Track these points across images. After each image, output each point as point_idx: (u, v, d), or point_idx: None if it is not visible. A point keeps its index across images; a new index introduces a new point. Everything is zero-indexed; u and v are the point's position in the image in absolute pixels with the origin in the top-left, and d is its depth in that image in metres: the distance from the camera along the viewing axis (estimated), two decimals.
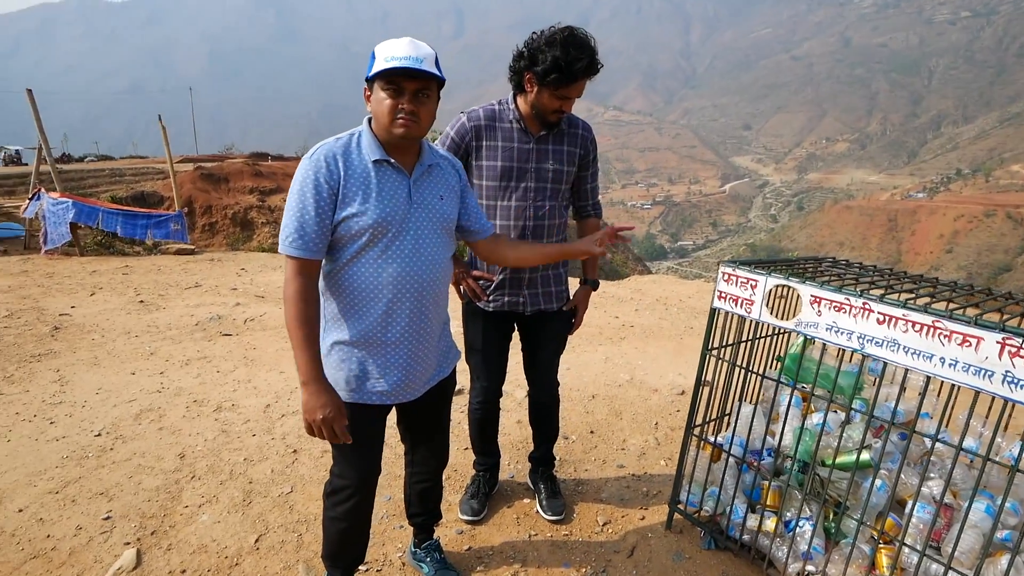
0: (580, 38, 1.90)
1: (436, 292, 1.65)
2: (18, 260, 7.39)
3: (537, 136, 2.07)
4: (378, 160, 1.53)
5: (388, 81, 1.46)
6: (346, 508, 1.71)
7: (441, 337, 1.77)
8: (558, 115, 2.00)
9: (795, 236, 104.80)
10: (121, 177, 22.66)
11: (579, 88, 1.95)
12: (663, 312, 6.17)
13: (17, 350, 4.14)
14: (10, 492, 2.46)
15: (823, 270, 2.20)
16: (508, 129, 2.06)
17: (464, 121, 2.06)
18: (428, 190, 1.62)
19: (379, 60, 1.45)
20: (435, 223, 1.62)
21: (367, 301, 1.57)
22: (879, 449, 2.00)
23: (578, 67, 1.88)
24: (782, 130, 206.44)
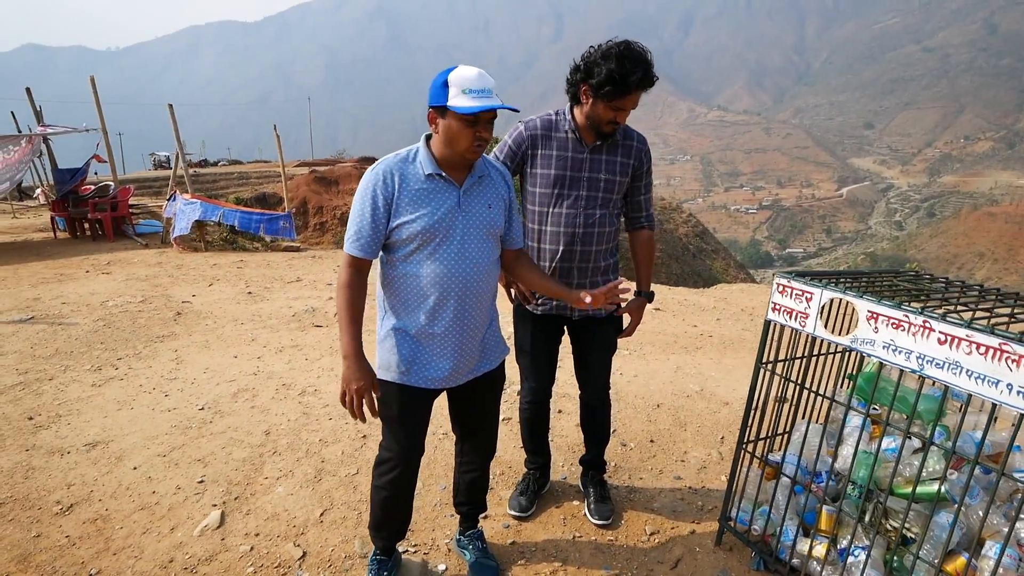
0: (636, 52, 1.94)
1: (480, 291, 1.79)
2: (155, 253, 8.47)
3: (591, 146, 2.11)
4: (431, 174, 1.70)
5: (469, 113, 1.60)
6: (389, 479, 1.88)
7: (487, 331, 1.90)
8: (612, 126, 2.04)
9: (924, 245, 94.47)
10: (247, 180, 25.10)
11: (633, 100, 1.99)
12: (747, 323, 5.89)
13: (146, 331, 4.77)
14: (128, 452, 2.87)
15: (900, 285, 2.04)
16: (563, 139, 2.12)
17: (522, 130, 2.16)
18: (477, 199, 1.78)
19: (457, 93, 1.58)
20: (481, 229, 1.77)
21: (417, 296, 1.75)
22: (958, 483, 1.84)
23: (632, 79, 1.92)
24: (910, 128, 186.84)
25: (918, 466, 1.86)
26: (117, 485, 2.60)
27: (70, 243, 9.26)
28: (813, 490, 2.07)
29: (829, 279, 1.97)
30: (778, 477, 2.15)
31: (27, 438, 3.00)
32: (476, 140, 1.64)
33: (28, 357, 4.12)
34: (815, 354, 2.17)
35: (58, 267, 7.35)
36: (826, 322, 1.92)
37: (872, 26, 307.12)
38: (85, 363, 4.03)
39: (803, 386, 2.08)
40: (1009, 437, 1.62)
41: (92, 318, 5.07)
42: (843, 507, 1.98)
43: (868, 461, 1.96)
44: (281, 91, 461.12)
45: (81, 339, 4.52)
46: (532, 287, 1.98)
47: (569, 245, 2.14)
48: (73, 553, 2.19)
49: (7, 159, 8.75)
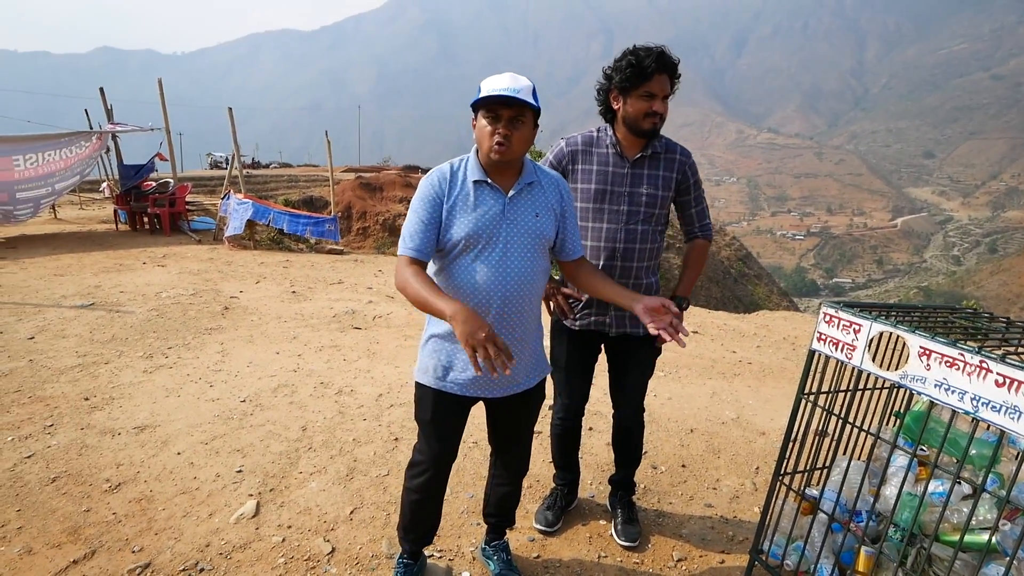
0: (647, 46, 2.02)
1: (521, 301, 1.76)
2: (207, 249, 8.84)
3: (633, 160, 2.12)
4: (478, 180, 1.72)
5: (488, 109, 1.64)
6: (419, 482, 1.91)
7: (529, 347, 1.86)
8: (651, 120, 2.03)
9: (983, 283, 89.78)
10: (296, 183, 25.92)
11: (659, 85, 2.01)
12: (788, 352, 5.72)
13: (196, 323, 4.98)
14: (174, 437, 3.00)
15: (955, 323, 1.97)
16: (604, 153, 2.14)
17: (563, 146, 2.18)
18: (524, 207, 1.75)
19: (482, 91, 1.63)
20: (526, 238, 1.74)
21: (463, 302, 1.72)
22: (1011, 535, 1.75)
23: (648, 61, 1.97)
24: (975, 159, 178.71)
25: (967, 513, 1.77)
26: (162, 468, 2.72)
27: (130, 235, 9.76)
28: (852, 529, 1.99)
29: (879, 311, 1.91)
30: (815, 513, 2.08)
31: (83, 417, 3.17)
32: (496, 136, 1.62)
33: (87, 341, 4.35)
34: (860, 388, 2.10)
35: (118, 257, 7.75)
36: (874, 356, 1.86)
37: (937, 51, 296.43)
38: (138, 350, 4.24)
39: (846, 420, 2.02)
40: None
41: (147, 308, 5.33)
42: (883, 549, 1.91)
43: (913, 504, 1.88)
44: (333, 99, 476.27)
45: (136, 327, 4.75)
46: (598, 294, 1.91)
47: (609, 260, 2.14)
48: (119, 530, 2.29)
49: (79, 154, 9.31)
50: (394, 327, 5.30)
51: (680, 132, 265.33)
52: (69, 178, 9.39)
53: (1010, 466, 1.99)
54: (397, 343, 4.80)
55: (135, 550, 2.19)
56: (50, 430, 3.01)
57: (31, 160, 8.50)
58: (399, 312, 5.83)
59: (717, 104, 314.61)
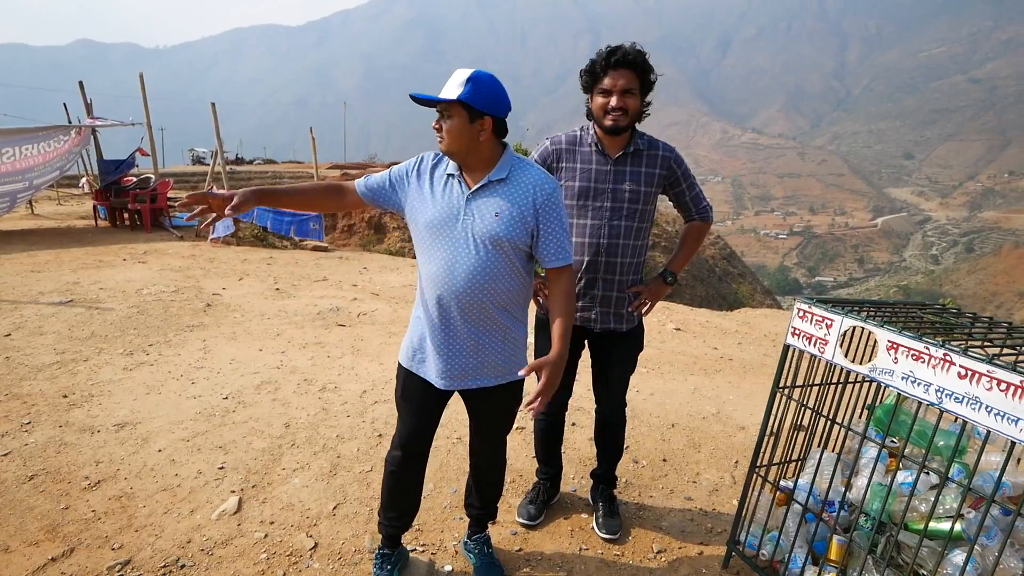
0: (619, 45, 2.07)
1: (471, 299, 1.72)
2: (189, 246, 8.73)
3: (615, 158, 2.15)
4: (450, 174, 1.79)
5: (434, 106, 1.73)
6: (391, 456, 2.01)
7: (488, 348, 1.80)
8: (612, 117, 2.06)
9: (960, 281, 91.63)
10: (280, 179, 25.62)
11: (613, 79, 2.04)
12: (769, 349, 5.81)
13: (177, 320, 4.93)
14: (155, 435, 2.98)
15: (924, 318, 2.02)
16: (587, 152, 2.18)
17: (548, 145, 2.23)
18: (485, 205, 1.71)
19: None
20: (479, 237, 1.70)
21: (420, 290, 1.86)
22: (974, 522, 1.81)
23: (599, 59, 2.05)
24: (952, 160, 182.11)
25: (933, 502, 1.83)
26: (142, 465, 2.70)
27: (110, 232, 9.62)
28: (825, 519, 2.05)
29: (851, 307, 1.96)
30: (789, 503, 2.13)
31: (61, 415, 3.13)
32: (436, 126, 1.72)
33: (66, 338, 4.29)
34: (833, 382, 2.15)
35: (98, 254, 7.64)
36: (846, 350, 1.91)
37: (917, 54, 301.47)
38: (118, 347, 4.19)
39: (819, 413, 2.07)
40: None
41: (127, 304, 5.26)
42: (854, 538, 1.96)
43: (882, 493, 1.94)
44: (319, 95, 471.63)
45: (116, 324, 4.69)
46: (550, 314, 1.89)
47: (594, 256, 2.17)
48: (98, 527, 2.28)
49: (58, 149, 9.15)
50: (379, 324, 5.29)
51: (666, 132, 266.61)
52: (48, 173, 9.22)
53: (975, 455, 2.05)
54: (381, 340, 4.80)
55: (115, 547, 2.18)
56: (27, 428, 2.97)
57: (8, 155, 8.34)
58: (384, 309, 5.83)
59: (702, 104, 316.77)
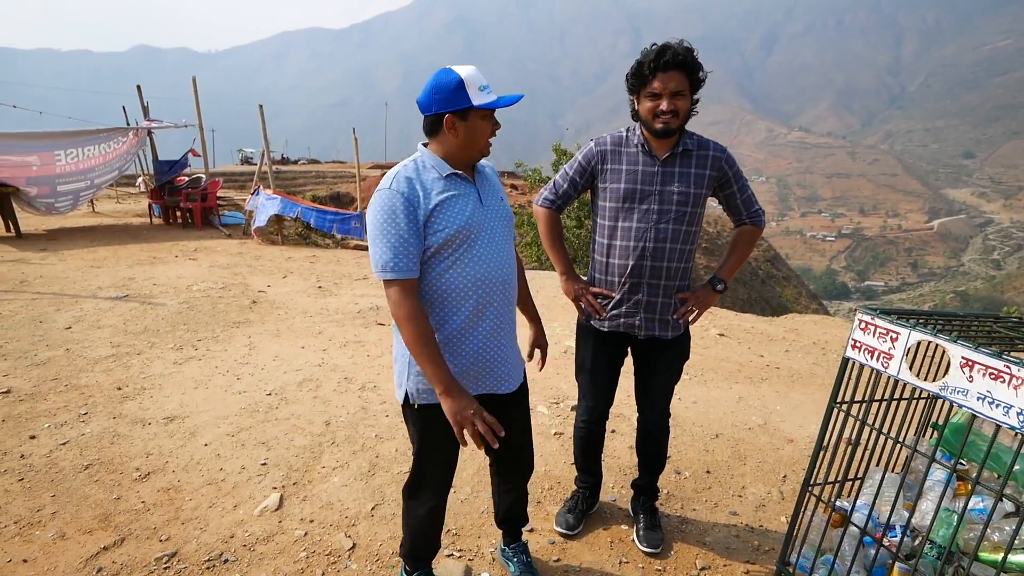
0: (666, 43, 1.98)
1: (513, 286, 1.78)
2: (237, 244, 9.01)
3: (663, 159, 2.08)
4: (449, 175, 1.65)
5: (487, 111, 1.62)
6: (425, 511, 1.84)
7: (515, 338, 1.85)
8: (661, 120, 1.99)
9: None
10: (324, 179, 26.30)
11: (662, 82, 1.96)
12: (818, 357, 5.57)
13: (224, 316, 5.08)
14: (201, 429, 3.06)
15: (999, 332, 1.88)
16: (633, 153, 2.11)
17: (592, 146, 2.17)
18: (491, 193, 1.76)
19: (476, 93, 1.57)
20: (503, 222, 1.75)
21: (455, 303, 1.67)
22: None
23: (647, 60, 1.95)
24: (1018, 159, 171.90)
25: (1011, 532, 1.70)
26: (189, 459, 2.77)
27: (163, 229, 10.01)
28: (885, 544, 1.92)
29: (918, 319, 1.83)
30: (846, 525, 2.01)
31: (115, 406, 3.25)
32: (490, 137, 1.67)
33: (121, 332, 4.47)
34: (896, 398, 2.02)
35: (152, 251, 7.96)
36: (911, 364, 1.79)
37: (978, 48, 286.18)
38: (169, 342, 4.34)
39: (881, 431, 1.95)
40: None
41: (178, 300, 5.45)
42: (919, 567, 1.84)
43: (951, 520, 1.81)
44: (360, 96, 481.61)
45: (167, 319, 4.86)
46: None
47: (639, 260, 2.10)
48: (147, 518, 2.35)
49: (117, 150, 9.59)
50: None
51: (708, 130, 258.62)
52: (107, 173, 9.67)
53: None
54: None
55: (162, 539, 2.23)
56: (84, 418, 3.10)
57: (71, 155, 8.78)
58: None
59: (746, 102, 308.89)
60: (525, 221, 15.83)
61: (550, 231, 2.30)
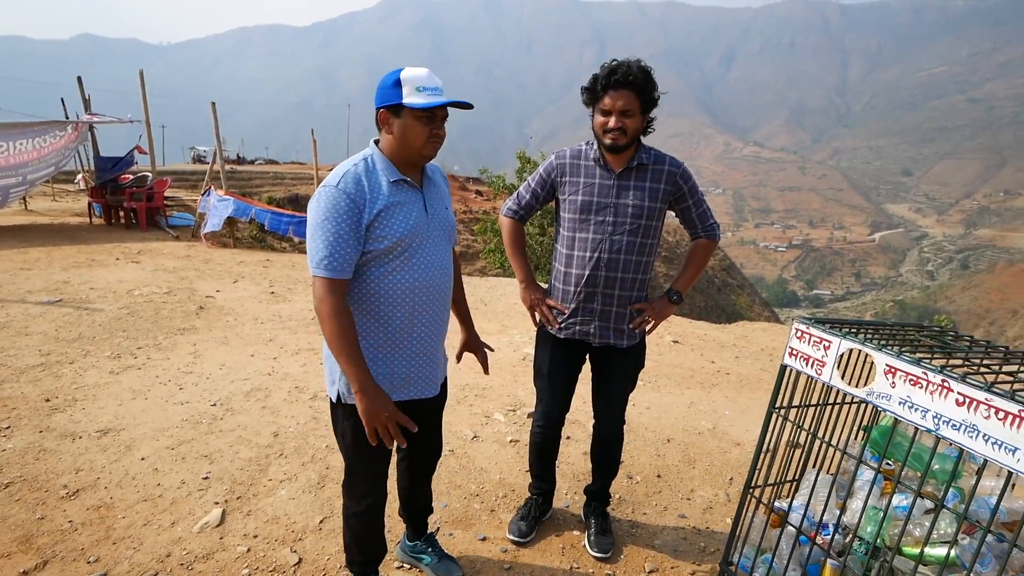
0: (617, 62, 2.03)
1: (449, 294, 1.84)
2: (185, 246, 8.68)
3: (619, 172, 2.13)
4: (396, 180, 1.67)
5: (423, 111, 1.61)
6: (366, 506, 1.87)
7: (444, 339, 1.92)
8: (611, 136, 2.04)
9: (955, 298, 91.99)
10: (282, 180, 25.62)
11: (613, 100, 2.01)
12: (766, 363, 5.78)
13: (168, 323, 4.88)
14: (138, 442, 2.92)
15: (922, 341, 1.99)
16: (591, 166, 2.17)
17: (553, 160, 2.23)
18: (437, 200, 1.79)
19: (411, 92, 1.58)
20: (444, 231, 1.80)
21: (392, 308, 1.70)
22: (969, 548, 1.77)
23: (600, 77, 2.00)
24: (950, 178, 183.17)
25: (929, 527, 1.80)
26: (124, 474, 2.64)
27: (104, 230, 9.55)
28: (818, 542, 2.01)
29: (849, 328, 1.93)
30: (783, 525, 2.09)
31: (42, 419, 3.07)
32: (431, 137, 1.64)
33: (52, 339, 4.24)
34: (830, 403, 2.12)
35: (90, 252, 7.58)
36: (844, 371, 1.88)
37: (917, 73, 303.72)
38: (106, 350, 4.13)
39: (815, 435, 2.04)
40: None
41: (117, 306, 5.21)
42: (848, 563, 1.92)
43: (877, 517, 1.90)
44: (323, 96, 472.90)
45: (104, 326, 4.64)
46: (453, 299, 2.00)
47: (594, 270, 2.14)
48: (74, 539, 2.22)
49: (54, 144, 9.10)
50: None
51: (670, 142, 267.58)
52: (43, 169, 9.16)
53: (971, 481, 2.02)
54: None
55: (91, 560, 2.12)
56: (6, 433, 2.92)
57: (2, 149, 8.29)
58: None
59: (706, 116, 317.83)
60: (489, 227, 15.84)
61: (512, 240, 2.36)
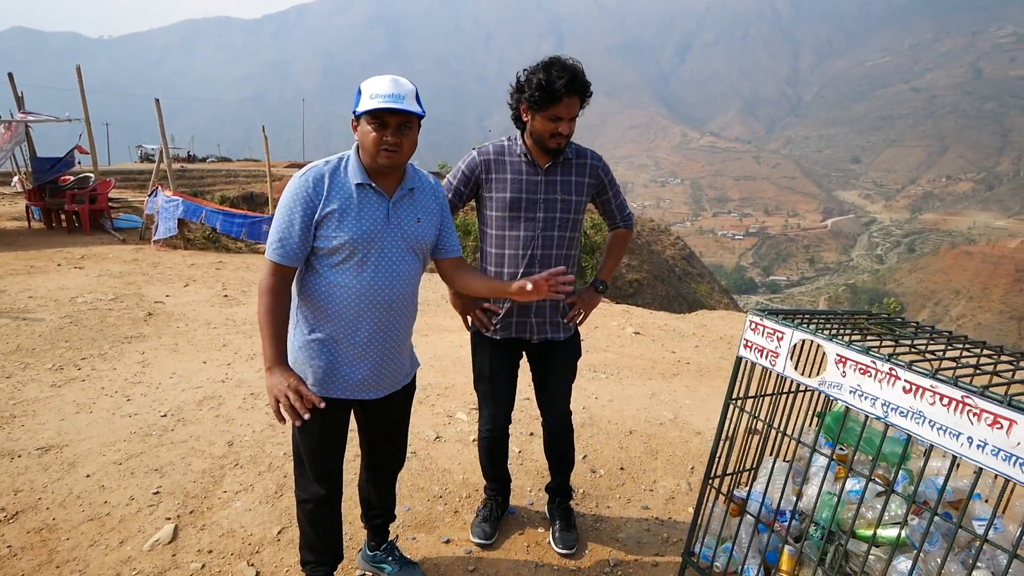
0: (562, 61, 2.00)
1: (403, 306, 1.79)
2: (132, 249, 8.31)
3: (545, 168, 2.13)
4: (360, 184, 1.68)
5: (374, 116, 1.61)
6: (311, 508, 1.86)
7: (407, 347, 1.90)
8: (556, 140, 2.04)
9: (903, 280, 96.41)
10: (235, 178, 24.83)
11: (567, 108, 2.00)
12: (725, 351, 5.91)
13: (115, 331, 4.66)
14: (83, 458, 2.78)
15: (871, 329, 2.05)
16: (517, 162, 2.13)
17: (475, 155, 2.16)
18: (406, 212, 1.76)
19: (365, 98, 1.61)
20: (408, 243, 1.76)
21: (338, 308, 1.71)
22: (918, 528, 1.84)
23: (559, 84, 1.95)
24: (896, 165, 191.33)
25: (880, 509, 1.86)
26: (67, 493, 2.51)
27: (44, 234, 9.06)
28: (776, 529, 2.05)
29: (802, 319, 1.97)
30: (742, 514, 2.13)
31: None
32: (383, 144, 1.62)
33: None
34: (785, 392, 2.17)
35: (29, 259, 7.18)
36: (799, 361, 1.92)
37: (863, 63, 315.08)
38: (47, 362, 3.92)
39: (770, 425, 2.08)
40: (970, 485, 1.62)
41: (59, 315, 4.94)
42: (804, 548, 1.97)
43: (831, 502, 1.95)
44: (276, 91, 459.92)
45: (45, 336, 4.39)
46: (478, 293, 2.00)
47: (529, 267, 2.14)
48: (13, 565, 2.09)
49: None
50: None
51: (629, 133, 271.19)
52: None
53: (920, 462, 2.10)
54: None
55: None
56: None
57: None
58: None
59: (663, 107, 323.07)
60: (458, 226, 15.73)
61: None
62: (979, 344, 1.93)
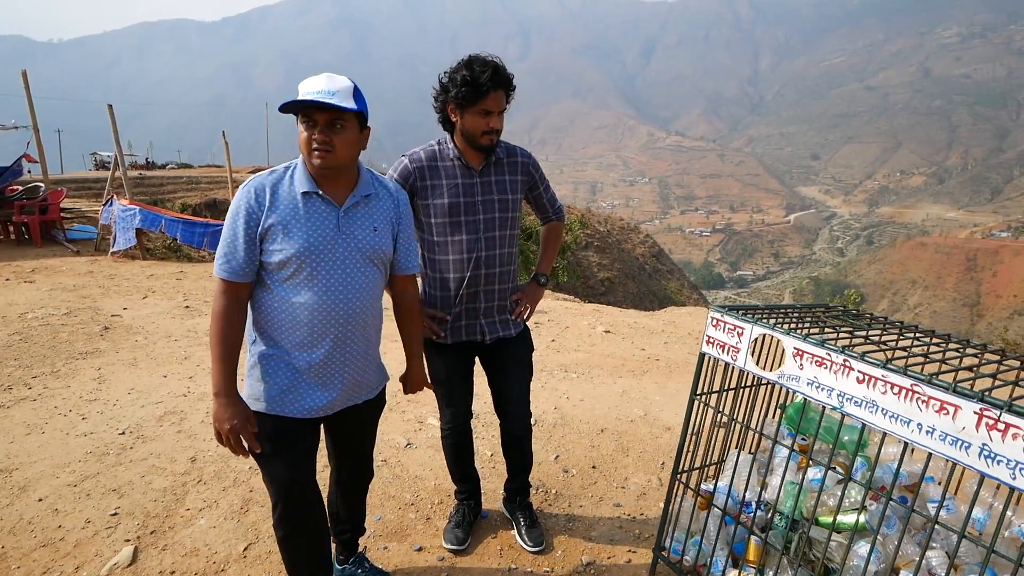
0: (482, 57, 2.02)
1: (362, 319, 1.70)
2: (87, 261, 8.01)
3: (479, 170, 2.12)
4: (307, 192, 1.60)
5: (303, 115, 1.55)
6: (286, 529, 1.76)
7: (372, 360, 1.83)
8: (489, 137, 2.04)
9: (863, 272, 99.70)
10: (197, 185, 24.12)
11: (495, 101, 2.00)
12: (693, 347, 6.00)
13: (68, 347, 4.48)
14: (35, 482, 2.66)
15: (827, 321, 2.11)
16: (451, 167, 2.11)
17: (406, 163, 2.10)
18: (360, 221, 1.67)
19: (298, 95, 1.55)
20: (363, 254, 1.67)
21: (293, 323, 1.63)
22: (876, 513, 1.89)
23: (483, 78, 1.96)
24: (853, 161, 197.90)
25: (840, 496, 1.91)
26: (18, 519, 2.40)
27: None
28: (742, 520, 2.09)
29: (761, 314, 2.01)
30: (710, 507, 2.17)
31: None
32: (313, 143, 1.54)
33: None
34: (748, 385, 2.21)
35: None
36: (760, 355, 1.96)
37: (820, 63, 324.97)
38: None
39: (734, 419, 2.12)
40: (922, 468, 1.68)
41: (7, 331, 4.73)
42: (769, 537, 2.01)
43: (794, 491, 2.00)
44: (238, 94, 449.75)
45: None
46: (400, 328, 1.98)
47: (474, 270, 2.14)
48: None
49: None
50: None
51: (597, 134, 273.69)
52: None
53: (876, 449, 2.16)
54: None
55: None
56: None
57: None
58: None
59: (629, 108, 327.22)
60: None
61: None
62: (929, 333, 2.01)
